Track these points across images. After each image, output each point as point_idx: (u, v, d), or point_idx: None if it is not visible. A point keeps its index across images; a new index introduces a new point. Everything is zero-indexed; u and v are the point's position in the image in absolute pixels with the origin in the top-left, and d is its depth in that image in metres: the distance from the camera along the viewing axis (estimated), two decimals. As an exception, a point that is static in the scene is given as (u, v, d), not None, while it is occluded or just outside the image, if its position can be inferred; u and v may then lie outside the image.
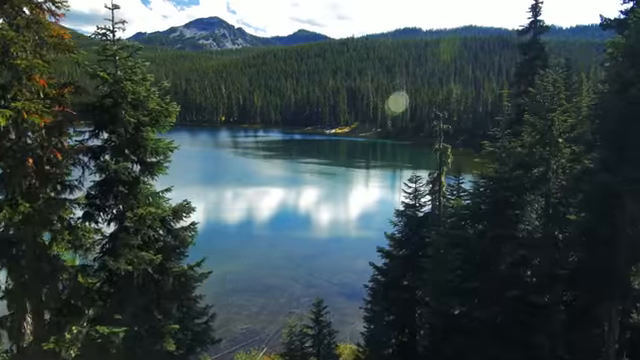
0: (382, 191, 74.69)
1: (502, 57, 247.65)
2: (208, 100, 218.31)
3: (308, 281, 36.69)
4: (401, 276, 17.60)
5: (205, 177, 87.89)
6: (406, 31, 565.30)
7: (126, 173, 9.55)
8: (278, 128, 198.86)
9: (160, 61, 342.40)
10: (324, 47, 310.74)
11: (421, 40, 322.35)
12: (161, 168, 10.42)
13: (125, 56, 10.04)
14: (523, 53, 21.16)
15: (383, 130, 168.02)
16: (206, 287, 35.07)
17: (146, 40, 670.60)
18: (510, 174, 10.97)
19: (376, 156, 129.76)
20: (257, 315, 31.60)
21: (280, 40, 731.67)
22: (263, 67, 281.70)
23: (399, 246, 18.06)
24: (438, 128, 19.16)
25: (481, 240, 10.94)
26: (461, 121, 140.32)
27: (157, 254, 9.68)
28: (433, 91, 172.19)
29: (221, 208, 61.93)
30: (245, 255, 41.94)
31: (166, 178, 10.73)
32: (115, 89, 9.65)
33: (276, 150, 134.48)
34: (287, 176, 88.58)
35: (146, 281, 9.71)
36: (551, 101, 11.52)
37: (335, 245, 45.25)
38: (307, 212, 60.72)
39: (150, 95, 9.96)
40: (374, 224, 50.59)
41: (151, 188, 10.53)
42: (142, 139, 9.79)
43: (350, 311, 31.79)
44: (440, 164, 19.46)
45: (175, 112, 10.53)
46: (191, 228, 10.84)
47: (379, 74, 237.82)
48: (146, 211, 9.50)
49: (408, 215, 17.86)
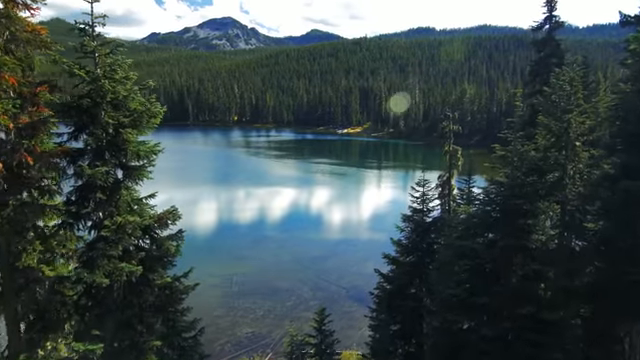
0: (394, 192, 73.66)
1: (517, 56, 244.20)
2: (221, 100, 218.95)
3: (316, 284, 36.03)
4: (407, 284, 16.83)
5: (217, 176, 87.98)
6: (419, 30, 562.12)
7: (103, 179, 8.88)
8: (290, 128, 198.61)
9: (174, 61, 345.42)
10: (337, 47, 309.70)
11: (434, 39, 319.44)
12: (144, 173, 9.73)
13: (105, 53, 9.38)
14: (537, 50, 19.95)
15: (395, 130, 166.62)
16: (213, 289, 34.81)
17: (160, 40, 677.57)
18: (523, 180, 10.08)
19: (388, 156, 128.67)
20: (263, 319, 31.03)
21: (293, 40, 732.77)
22: (276, 67, 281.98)
23: (406, 252, 17.27)
24: (448, 129, 18.38)
25: (491, 251, 10.11)
26: (474, 121, 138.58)
27: (140, 265, 9.03)
28: (446, 91, 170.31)
29: (231, 208, 61.68)
30: (253, 256, 41.44)
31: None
32: (93, 88, 9.00)
33: (288, 150, 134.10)
34: (298, 176, 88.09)
35: (127, 294, 9.11)
36: (568, 101, 10.61)
37: (345, 247, 44.49)
38: (317, 213, 60.07)
39: (131, 95, 9.28)
40: (385, 226, 49.64)
41: (134, 194, 9.87)
42: (122, 142, 9.13)
43: (358, 315, 31.15)
44: (450, 167, 18.70)
45: (160, 113, 9.85)
46: (177, 237, 10.13)
47: (392, 74, 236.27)
48: (125, 219, 8.84)
49: (415, 220, 17.08)
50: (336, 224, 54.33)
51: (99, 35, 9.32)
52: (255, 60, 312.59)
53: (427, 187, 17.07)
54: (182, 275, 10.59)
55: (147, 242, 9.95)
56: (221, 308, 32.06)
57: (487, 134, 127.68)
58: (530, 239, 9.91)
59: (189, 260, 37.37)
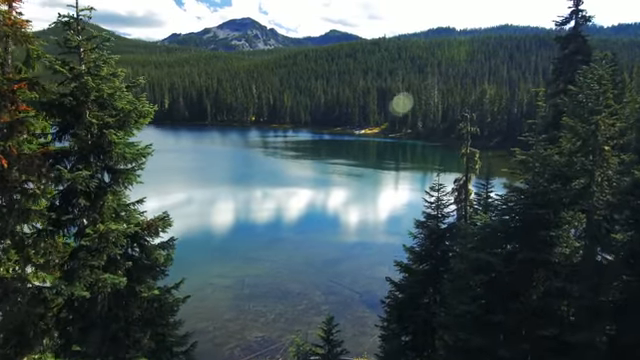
0: (410, 194, 72.51)
1: (539, 56, 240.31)
2: (239, 100, 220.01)
3: (329, 287, 35.28)
4: (420, 293, 15.99)
5: (233, 177, 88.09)
6: (439, 31, 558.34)
7: (85, 183, 8.29)
8: (307, 128, 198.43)
9: (194, 62, 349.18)
10: (355, 47, 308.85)
11: (454, 40, 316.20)
12: (131, 177, 9.10)
13: (90, 48, 8.77)
14: (562, 47, 18.66)
15: (413, 131, 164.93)
16: (224, 291, 34.39)
17: (181, 41, 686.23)
18: (546, 187, 9.13)
19: (405, 157, 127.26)
20: (274, 323, 30.39)
21: (312, 40, 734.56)
22: (294, 67, 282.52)
23: (419, 260, 16.44)
24: (465, 131, 17.46)
25: (509, 265, 9.23)
26: (494, 122, 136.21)
27: (127, 275, 8.42)
28: (466, 91, 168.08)
29: (247, 208, 61.39)
30: (266, 257, 40.90)
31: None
32: (77, 85, 8.42)
33: (304, 150, 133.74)
34: (314, 177, 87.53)
35: (113, 306, 8.50)
36: (596, 101, 9.63)
37: (359, 250, 43.62)
38: (332, 214, 59.31)
39: (117, 93, 8.66)
40: (401, 229, 48.43)
41: (122, 199, 9.25)
42: (107, 143, 8.53)
43: (370, 322, 30.37)
44: (467, 170, 17.79)
45: (150, 113, 9.22)
46: (168, 245, 9.49)
47: (410, 74, 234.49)
48: (107, 227, 8.22)
49: (429, 227, 16.24)
50: (351, 226, 53.51)
51: (84, 29, 8.74)
52: (273, 60, 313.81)
53: (442, 192, 16.22)
54: (173, 286, 9.90)
55: (136, 250, 9.34)
56: (232, 311, 31.55)
57: (507, 136, 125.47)
58: (553, 252, 8.98)
59: (203, 261, 37.29)
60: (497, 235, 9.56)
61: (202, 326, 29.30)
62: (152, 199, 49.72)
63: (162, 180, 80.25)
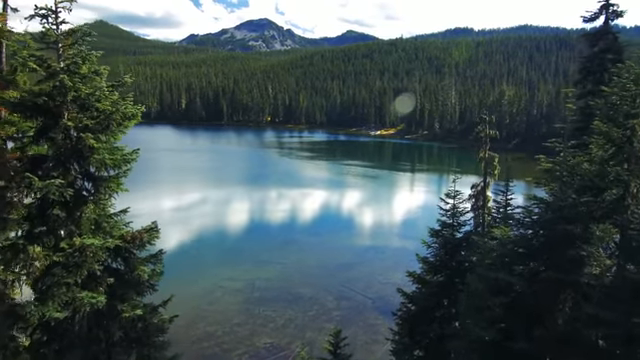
0: (426, 196, 71.31)
1: (559, 57, 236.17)
2: (255, 100, 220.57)
3: (341, 293, 34.42)
4: (434, 306, 15.05)
5: (248, 177, 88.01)
6: (457, 31, 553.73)
7: (57, 193, 7.58)
8: (323, 129, 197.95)
9: (211, 62, 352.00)
10: (372, 48, 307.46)
11: (472, 40, 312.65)
12: (113, 185, 8.33)
13: (69, 43, 8.04)
14: (590, 45, 17.32)
15: (430, 132, 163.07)
16: (234, 295, 33.79)
17: (199, 42, 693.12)
18: (575, 199, 8.10)
19: (422, 159, 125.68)
20: (283, 328, 29.65)
21: (329, 41, 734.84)
22: (310, 68, 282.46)
23: (433, 271, 15.50)
24: (484, 134, 16.46)
25: (532, 286, 8.25)
26: (513, 124, 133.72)
27: (110, 291, 7.68)
28: (484, 92, 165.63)
29: (260, 209, 60.88)
30: (278, 260, 40.22)
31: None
32: (54, 85, 7.71)
33: (319, 151, 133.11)
34: (329, 178, 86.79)
35: (94, 326, 7.78)
36: (632, 104, 8.54)
37: (373, 254, 42.63)
38: (346, 217, 58.41)
39: (97, 92, 7.91)
40: (416, 233, 47.50)
41: (105, 209, 8.51)
42: (87, 148, 7.79)
43: (383, 329, 29.45)
44: (485, 175, 16.78)
45: (137, 115, 8.44)
46: (155, 259, 8.70)
47: (427, 75, 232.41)
48: (82, 242, 7.47)
49: (444, 236, 15.29)
50: (365, 229, 52.55)
51: (63, 22, 8.00)
52: (290, 61, 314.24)
53: (458, 198, 15.24)
54: (160, 304, 9.11)
55: (121, 264, 8.59)
56: (241, 315, 30.93)
57: (526, 137, 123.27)
58: (582, 272, 7.98)
59: (214, 262, 36.74)
60: (519, 252, 8.61)
61: (211, 330, 28.79)
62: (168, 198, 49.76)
63: (179, 180, 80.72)
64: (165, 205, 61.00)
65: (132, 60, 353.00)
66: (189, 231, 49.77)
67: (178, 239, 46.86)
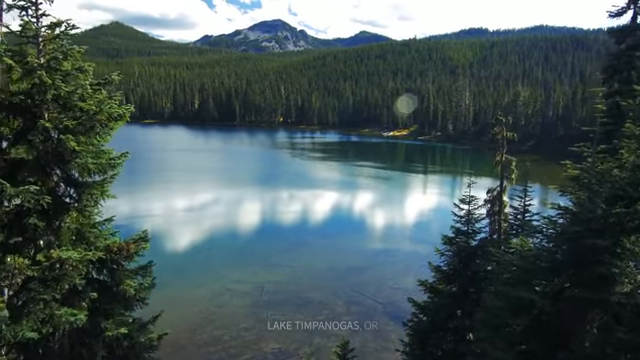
0: (439, 199, 70.30)
1: (576, 58, 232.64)
2: (267, 101, 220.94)
3: (351, 297, 33.71)
4: (447, 318, 14.29)
5: (259, 178, 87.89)
6: (471, 31, 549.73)
7: (32, 200, 6.96)
8: (335, 130, 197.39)
9: (224, 63, 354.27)
10: (385, 48, 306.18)
11: (487, 40, 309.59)
12: (96, 192, 7.70)
13: (50, 37, 7.46)
14: (617, 42, 16.25)
15: (443, 133, 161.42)
16: (242, 298, 33.26)
17: (212, 43, 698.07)
18: (605, 210, 7.32)
19: (435, 160, 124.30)
20: (291, 334, 29.01)
21: (342, 42, 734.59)
22: (323, 69, 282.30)
23: (446, 281, 14.74)
24: (500, 136, 15.67)
25: (556, 305, 7.48)
26: (528, 125, 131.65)
27: (95, 306, 7.09)
28: (498, 93, 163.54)
29: (270, 210, 60.43)
30: (287, 263, 39.63)
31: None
32: (33, 82, 7.13)
33: (331, 152, 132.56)
34: (340, 179, 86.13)
35: (76, 344, 7.20)
36: (668, 104, 7.79)
37: (384, 258, 41.82)
38: (357, 219, 57.67)
39: (78, 90, 7.31)
40: (429, 237, 46.68)
41: (88, 218, 7.89)
42: (68, 152, 7.18)
43: (394, 336, 28.71)
44: (502, 180, 15.97)
45: (124, 115, 7.82)
46: (143, 272, 8.07)
47: (441, 75, 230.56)
48: (61, 254, 6.85)
49: (458, 244, 14.52)
50: (376, 232, 51.73)
51: (44, 14, 7.40)
52: (302, 62, 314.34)
53: (473, 204, 14.47)
54: (149, 321, 8.46)
55: (107, 276, 7.98)
56: (249, 319, 30.40)
57: (541, 139, 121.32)
58: (612, 290, 7.20)
59: (223, 264, 36.31)
60: (541, 266, 7.85)
61: (217, 334, 28.30)
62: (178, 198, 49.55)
63: (190, 180, 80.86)
64: (176, 205, 60.92)
65: (146, 61, 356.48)
66: (199, 232, 49.53)
67: (188, 240, 46.61)
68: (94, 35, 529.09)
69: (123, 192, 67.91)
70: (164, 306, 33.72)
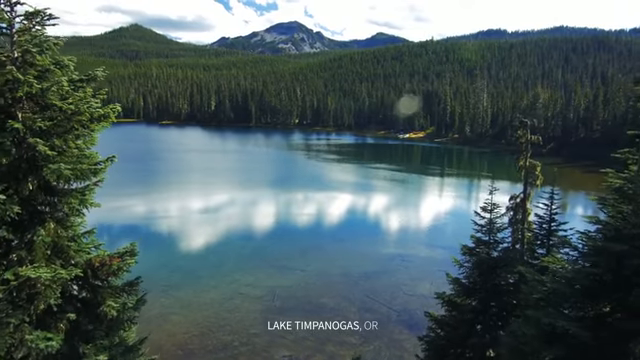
0: (456, 202, 68.92)
1: (597, 59, 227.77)
2: (283, 102, 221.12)
3: (364, 303, 32.83)
4: (466, 334, 13.29)
5: (273, 179, 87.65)
6: (489, 33, 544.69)
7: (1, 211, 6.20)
8: (350, 132, 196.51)
9: (240, 64, 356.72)
10: (401, 50, 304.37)
11: (505, 42, 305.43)
12: (74, 200, 6.90)
13: (25, 29, 6.70)
14: None
15: (460, 136, 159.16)
16: (253, 303, 32.62)
17: (230, 45, 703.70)
18: (653, 226, 6.42)
19: (451, 163, 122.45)
20: (303, 341, 28.24)
21: (358, 43, 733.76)
22: (339, 70, 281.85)
23: (465, 294, 13.74)
24: (524, 139, 14.66)
25: (596, 334, 6.57)
26: (548, 128, 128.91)
27: (71, 330, 6.31)
28: (517, 95, 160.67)
29: (284, 212, 59.85)
30: (300, 267, 38.90)
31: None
32: (5, 79, 6.37)
33: (347, 154, 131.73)
34: (355, 182, 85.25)
35: (53, 371, 6.46)
36: None
37: (399, 263, 40.78)
38: (371, 222, 56.65)
39: (53, 87, 6.53)
40: (445, 242, 45.64)
41: (67, 230, 7.08)
42: (42, 157, 6.39)
43: (408, 345, 27.84)
44: (525, 186, 14.97)
45: (109, 115, 7.03)
46: (131, 288, 7.26)
47: (458, 77, 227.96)
48: (28, 273, 6.00)
49: (479, 255, 13.51)
50: (391, 236, 50.70)
51: (19, 3, 6.59)
52: (318, 63, 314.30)
53: (495, 212, 13.46)
54: (134, 345, 7.59)
55: (89, 293, 7.19)
56: (259, 325, 29.74)
57: (562, 143, 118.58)
58: (661, 318, 6.28)
59: (236, 267, 35.74)
60: (578, 290, 6.92)
61: (227, 340, 27.71)
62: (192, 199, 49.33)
63: (204, 180, 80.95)
64: (190, 206, 60.81)
65: (164, 63, 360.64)
66: (212, 233, 49.21)
67: (201, 241, 46.30)
68: (113, 37, 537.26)
69: (139, 192, 68.24)
70: (175, 309, 33.24)
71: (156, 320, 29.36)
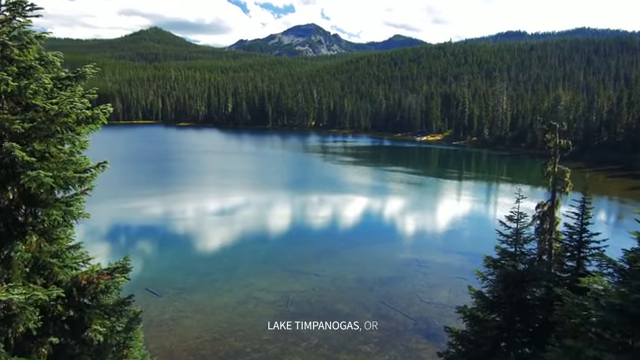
0: (474, 206, 67.57)
1: (620, 61, 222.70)
2: (300, 105, 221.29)
3: (379, 310, 31.98)
4: (489, 353, 12.40)
5: (288, 181, 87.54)
6: (509, 34, 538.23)
7: None
8: (367, 134, 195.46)
9: (258, 67, 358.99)
10: (419, 52, 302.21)
11: (525, 43, 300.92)
12: (55, 212, 6.19)
13: (4, 20, 6.02)
14: None
15: (479, 139, 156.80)
16: (266, 308, 32.00)
17: (247, 47, 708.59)
18: None
19: (469, 166, 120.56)
20: (316, 348, 27.51)
21: (375, 46, 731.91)
22: (356, 72, 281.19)
23: (489, 309, 12.86)
24: (553, 144, 13.73)
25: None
26: (570, 131, 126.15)
27: (55, 355, 5.70)
28: (537, 97, 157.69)
29: (299, 215, 59.28)
30: (315, 272, 38.21)
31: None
32: None
33: (363, 157, 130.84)
34: (372, 184, 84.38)
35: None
36: None
37: (415, 269, 39.79)
38: (387, 226, 55.69)
39: (32, 86, 5.85)
40: (464, 247, 44.51)
41: (51, 244, 6.42)
42: (18, 162, 5.72)
43: (426, 355, 26.96)
44: (553, 193, 14.03)
45: (100, 117, 6.38)
46: (121, 308, 6.57)
47: (477, 79, 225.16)
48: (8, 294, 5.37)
49: (504, 267, 12.61)
50: (407, 241, 49.64)
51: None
52: (335, 66, 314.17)
53: (522, 222, 12.54)
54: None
55: (75, 314, 6.54)
56: (272, 331, 29.14)
57: (585, 147, 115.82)
58: None
59: (249, 271, 35.28)
60: (628, 319, 6.09)
61: (239, 346, 27.14)
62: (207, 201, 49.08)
63: (220, 182, 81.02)
64: (205, 207, 60.75)
65: (183, 65, 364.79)
66: (227, 235, 48.92)
67: (215, 243, 46.02)
68: (133, 40, 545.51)
69: (156, 193, 68.47)
70: (188, 312, 32.80)
71: (168, 324, 29.04)
